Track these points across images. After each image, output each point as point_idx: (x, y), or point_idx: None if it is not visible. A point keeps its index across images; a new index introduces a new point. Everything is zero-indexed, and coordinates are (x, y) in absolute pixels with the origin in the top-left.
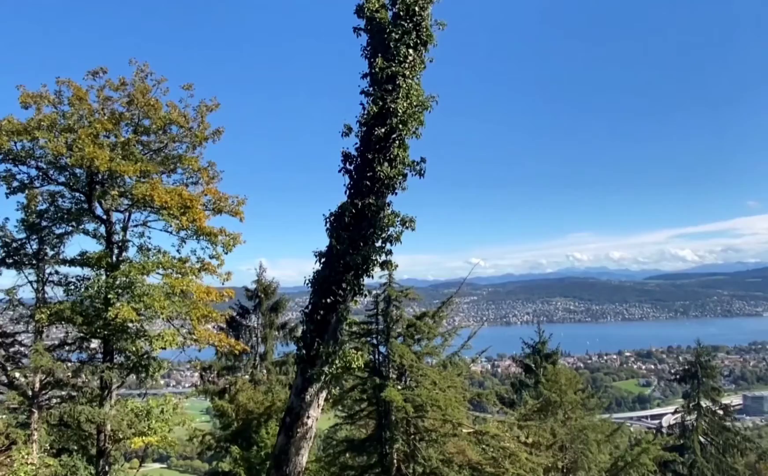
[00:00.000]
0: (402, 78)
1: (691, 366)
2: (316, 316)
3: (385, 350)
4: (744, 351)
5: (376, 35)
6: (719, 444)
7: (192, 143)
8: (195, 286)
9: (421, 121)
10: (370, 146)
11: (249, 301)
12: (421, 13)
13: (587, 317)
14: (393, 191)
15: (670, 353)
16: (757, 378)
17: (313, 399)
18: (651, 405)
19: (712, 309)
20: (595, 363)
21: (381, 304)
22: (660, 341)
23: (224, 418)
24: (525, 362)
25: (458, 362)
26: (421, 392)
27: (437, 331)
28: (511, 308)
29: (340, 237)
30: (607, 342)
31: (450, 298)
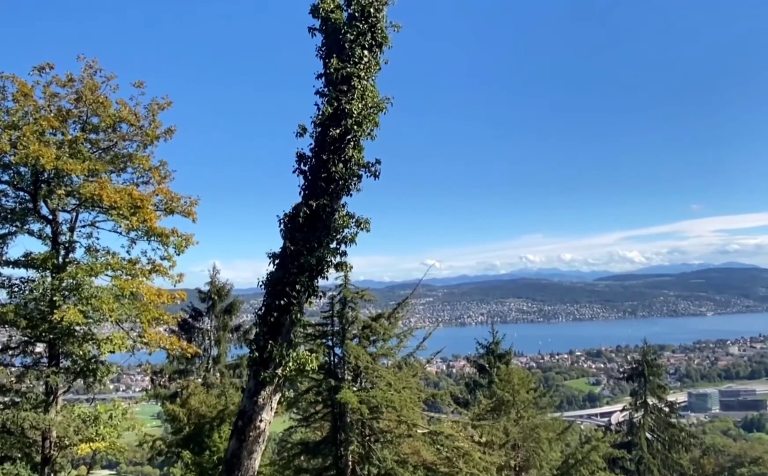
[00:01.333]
0: (357, 79)
1: (638, 364)
2: (270, 318)
3: (341, 351)
4: (689, 350)
5: (331, 36)
6: (665, 440)
7: (143, 141)
8: (145, 288)
9: (376, 122)
10: (324, 147)
11: (202, 303)
12: (376, 15)
13: (540, 317)
14: (348, 192)
15: (618, 352)
16: (701, 375)
17: (266, 401)
18: (601, 403)
19: (658, 309)
20: (547, 362)
21: (337, 305)
22: (609, 341)
23: (175, 423)
24: (479, 362)
25: (413, 363)
26: (376, 393)
27: (393, 332)
28: (466, 309)
29: (295, 238)
30: (558, 342)
31: (405, 299)
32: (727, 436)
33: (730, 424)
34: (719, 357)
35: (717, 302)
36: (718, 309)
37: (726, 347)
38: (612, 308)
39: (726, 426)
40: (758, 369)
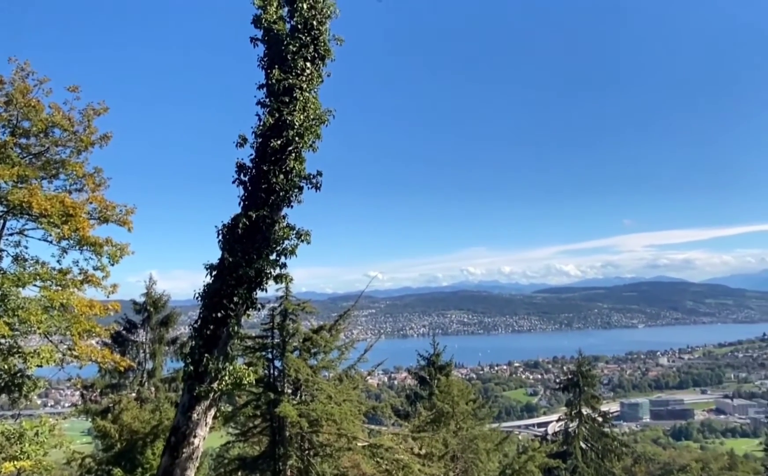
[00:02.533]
0: (299, 91)
1: (573, 375)
2: (206, 331)
3: (281, 364)
4: (621, 361)
5: (273, 46)
6: (598, 449)
7: (77, 147)
8: (76, 299)
9: (318, 134)
10: (265, 158)
11: (137, 315)
12: (319, 28)
13: (480, 329)
14: (288, 203)
15: (555, 363)
16: (632, 386)
17: (200, 417)
18: (538, 413)
19: (593, 321)
20: (486, 373)
21: (277, 318)
22: (546, 352)
23: (106, 439)
24: (420, 374)
25: (354, 375)
26: (316, 406)
27: (334, 344)
28: (408, 321)
29: (233, 250)
30: (498, 353)
31: (347, 311)
32: (657, 445)
33: (660, 433)
34: (650, 367)
35: (648, 315)
36: (648, 321)
37: (656, 359)
38: (549, 320)
39: (656, 435)
40: (686, 379)
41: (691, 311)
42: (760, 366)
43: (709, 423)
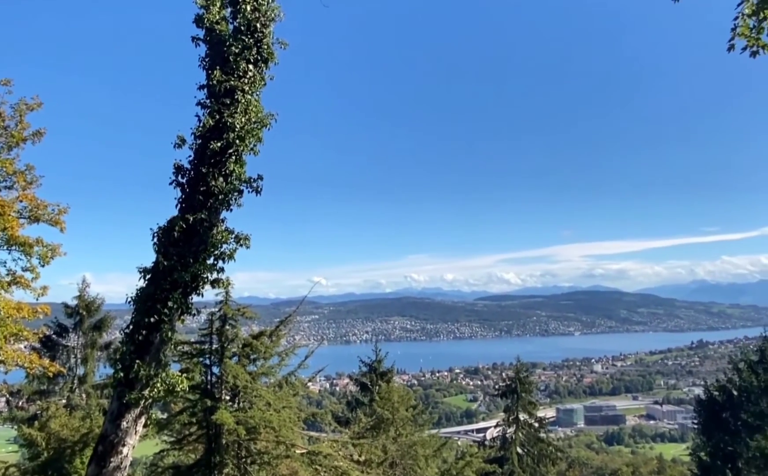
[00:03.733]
0: (241, 93)
1: (511, 381)
2: (138, 336)
3: (219, 370)
4: (558, 367)
5: (215, 47)
6: (534, 454)
7: (8, 143)
8: (3, 301)
9: (259, 138)
10: (204, 160)
11: (69, 318)
12: (262, 30)
13: (422, 335)
14: (228, 207)
15: (495, 369)
16: (568, 392)
17: (130, 425)
18: (477, 419)
19: (531, 329)
20: (428, 379)
21: (216, 323)
22: (486, 359)
23: (33, 448)
24: (361, 380)
25: (295, 381)
26: (254, 413)
27: (274, 350)
28: (352, 327)
29: (168, 253)
30: (439, 360)
31: (289, 316)
32: (590, 449)
33: (593, 438)
34: (585, 374)
35: (583, 323)
36: (584, 329)
37: (591, 365)
38: (490, 327)
39: (590, 440)
40: (619, 385)
41: (624, 319)
42: (688, 373)
43: (640, 428)
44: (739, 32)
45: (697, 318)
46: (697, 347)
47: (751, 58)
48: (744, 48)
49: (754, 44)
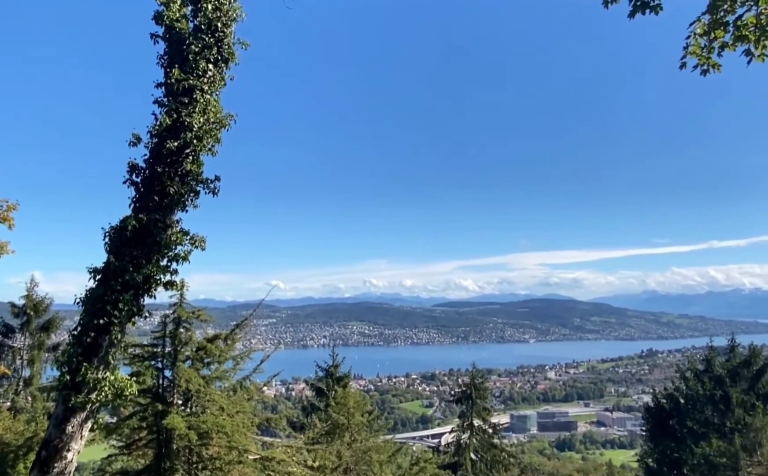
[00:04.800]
0: (200, 92)
1: (467, 387)
2: (86, 338)
3: (171, 374)
4: (513, 374)
5: (174, 45)
6: (488, 460)
7: None
8: None
9: (218, 138)
10: (160, 159)
11: (15, 318)
12: (223, 30)
13: (380, 341)
14: (183, 207)
15: (451, 375)
16: (522, 398)
17: (75, 430)
18: (432, 424)
19: (488, 335)
20: (384, 385)
21: (169, 325)
22: (443, 365)
23: None
24: (318, 385)
25: (249, 386)
26: (206, 418)
27: (229, 354)
28: (309, 332)
29: (120, 253)
30: (396, 365)
31: (245, 320)
32: (542, 455)
33: (546, 444)
34: (539, 381)
35: (538, 330)
36: (539, 337)
37: (545, 372)
38: (447, 334)
39: (542, 446)
40: (571, 392)
41: (578, 327)
42: (637, 381)
43: (591, 434)
44: (691, 51)
45: (648, 328)
46: (647, 356)
47: (701, 76)
48: (695, 66)
49: (705, 63)
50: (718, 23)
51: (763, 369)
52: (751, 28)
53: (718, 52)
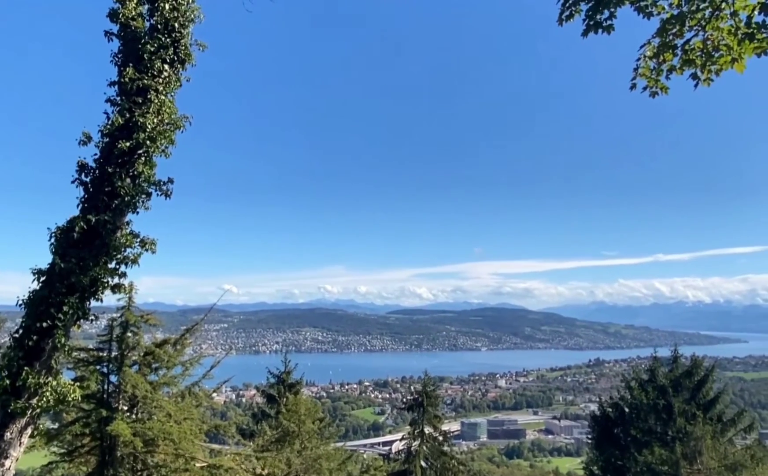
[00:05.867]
0: (154, 93)
1: (418, 395)
2: (28, 342)
3: (117, 379)
4: (464, 382)
5: (129, 43)
6: (437, 467)
7: None
8: None
9: (171, 140)
10: (111, 159)
11: None
12: (181, 31)
13: (334, 347)
14: (134, 209)
15: (404, 382)
16: (473, 406)
17: (14, 436)
18: (384, 432)
19: (441, 343)
20: (337, 392)
21: (117, 329)
22: (396, 372)
23: None
24: (268, 392)
25: (198, 392)
26: (153, 425)
27: (178, 359)
28: (262, 337)
29: (67, 255)
30: (349, 372)
31: (195, 325)
32: (491, 463)
33: (495, 451)
34: (489, 389)
35: (490, 339)
36: (491, 345)
37: (496, 380)
38: (401, 341)
39: (491, 453)
40: (520, 400)
41: (528, 336)
42: (585, 389)
43: (539, 442)
44: (641, 72)
45: (595, 337)
46: (594, 365)
47: (650, 98)
48: (645, 88)
49: (654, 85)
50: (667, 46)
51: (704, 380)
52: (698, 53)
53: (666, 74)
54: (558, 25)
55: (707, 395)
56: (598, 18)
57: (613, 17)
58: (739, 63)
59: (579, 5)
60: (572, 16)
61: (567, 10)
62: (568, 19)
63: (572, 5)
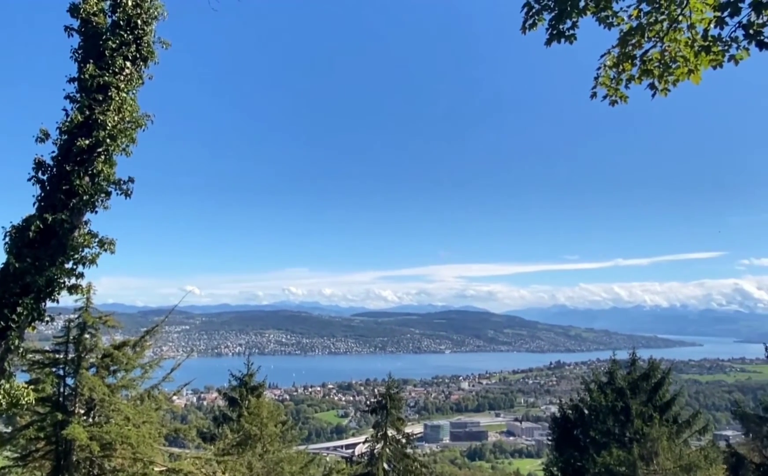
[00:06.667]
0: (115, 90)
1: (382, 397)
2: None
3: (74, 382)
4: (428, 384)
5: (90, 39)
6: (400, 470)
7: None
8: None
9: (133, 138)
10: (70, 157)
11: None
12: (143, 28)
13: (297, 350)
14: (93, 209)
15: (367, 385)
16: (436, 408)
17: None
18: (347, 434)
19: (405, 346)
20: (300, 394)
21: (74, 331)
22: (360, 375)
23: None
24: (230, 395)
25: (158, 395)
26: (110, 428)
27: (137, 362)
28: (224, 339)
29: (22, 254)
30: (313, 375)
31: (155, 326)
32: (454, 465)
33: (457, 453)
34: (453, 391)
35: (454, 341)
36: (454, 348)
37: (459, 383)
38: (365, 343)
39: (454, 456)
40: (483, 402)
41: (491, 339)
42: (546, 391)
43: (500, 444)
44: (601, 81)
45: (557, 340)
46: (555, 367)
47: (610, 106)
48: (605, 96)
49: (614, 94)
50: (627, 57)
51: (661, 382)
52: (656, 64)
53: (625, 84)
54: (521, 33)
55: (663, 397)
56: (560, 28)
57: (575, 27)
58: (695, 74)
59: (542, 14)
60: (535, 25)
61: (530, 19)
62: (531, 27)
63: (535, 14)
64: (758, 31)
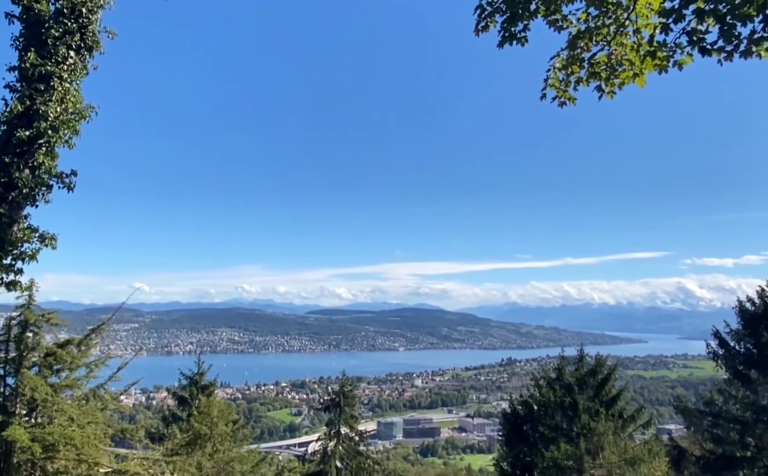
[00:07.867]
0: (58, 80)
1: (336, 395)
2: None
3: (14, 382)
4: (382, 382)
5: (32, 27)
6: (353, 467)
7: None
8: None
9: (76, 130)
10: (8, 149)
11: None
12: (89, 16)
13: (250, 348)
14: (33, 202)
15: (321, 383)
16: (390, 405)
17: None
18: (300, 433)
19: (359, 343)
20: (253, 393)
21: (14, 329)
22: (314, 372)
23: None
24: (180, 394)
25: (104, 395)
26: (53, 429)
27: (82, 361)
28: (175, 337)
29: None
30: (266, 373)
31: (101, 324)
32: (407, 461)
33: (410, 450)
34: (406, 388)
35: (408, 339)
36: (408, 345)
37: (412, 380)
38: (319, 341)
39: (407, 452)
40: (436, 399)
41: (445, 337)
42: (497, 388)
43: (453, 440)
44: (550, 83)
45: (508, 337)
46: (507, 364)
47: (558, 108)
48: (554, 98)
49: (562, 96)
50: (575, 59)
51: (607, 378)
52: (603, 67)
53: (574, 86)
54: (474, 35)
55: (609, 392)
56: (512, 30)
57: (527, 30)
58: (641, 78)
59: (494, 17)
60: (488, 28)
61: (483, 21)
62: (483, 29)
63: (488, 16)
64: (701, 38)
